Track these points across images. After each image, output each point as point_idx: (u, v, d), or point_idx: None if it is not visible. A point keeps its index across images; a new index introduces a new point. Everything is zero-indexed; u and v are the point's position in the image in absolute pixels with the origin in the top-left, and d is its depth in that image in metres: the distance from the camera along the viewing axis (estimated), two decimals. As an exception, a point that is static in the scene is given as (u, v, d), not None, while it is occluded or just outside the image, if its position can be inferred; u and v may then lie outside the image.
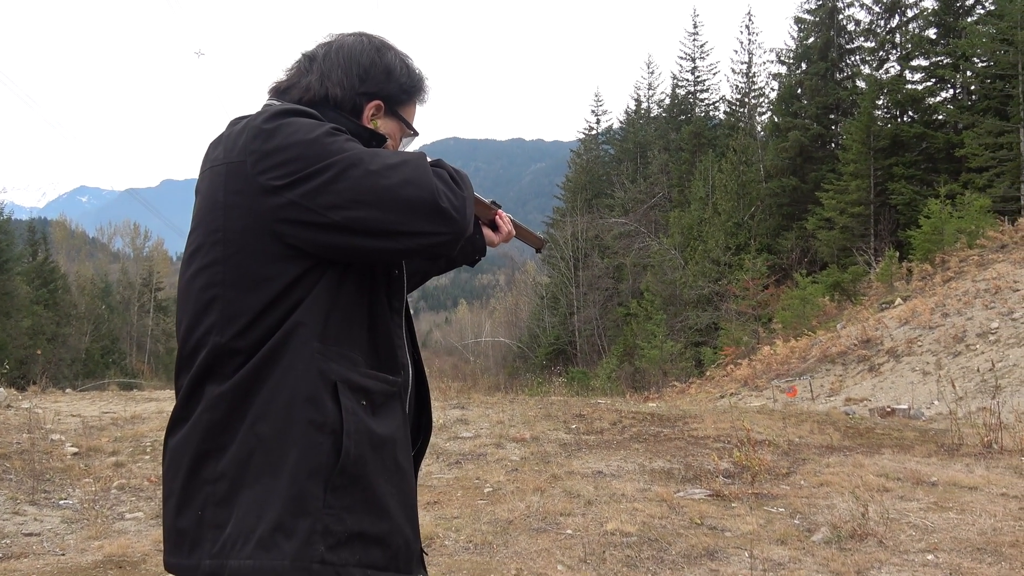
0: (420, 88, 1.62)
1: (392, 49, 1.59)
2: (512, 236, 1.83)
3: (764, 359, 19.72)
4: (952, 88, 30.40)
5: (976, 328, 14.80)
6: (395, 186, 1.32)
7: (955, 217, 21.39)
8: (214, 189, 1.42)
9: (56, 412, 9.19)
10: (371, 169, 1.32)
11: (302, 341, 1.36)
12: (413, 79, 1.60)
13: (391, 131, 1.58)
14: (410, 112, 1.62)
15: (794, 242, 30.99)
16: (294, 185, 1.33)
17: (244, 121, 1.43)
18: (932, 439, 8.19)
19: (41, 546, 4.74)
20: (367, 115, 1.54)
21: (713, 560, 4.53)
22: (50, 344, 38.80)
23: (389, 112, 1.57)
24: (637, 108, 53.76)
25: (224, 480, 1.36)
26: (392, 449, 1.45)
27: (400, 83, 1.57)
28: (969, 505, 5.57)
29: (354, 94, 1.53)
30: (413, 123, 1.64)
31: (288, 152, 1.33)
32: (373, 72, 1.54)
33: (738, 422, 8.58)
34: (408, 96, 1.60)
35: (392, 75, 1.56)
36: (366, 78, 1.53)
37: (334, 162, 1.32)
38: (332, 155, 1.32)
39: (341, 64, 1.53)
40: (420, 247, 1.37)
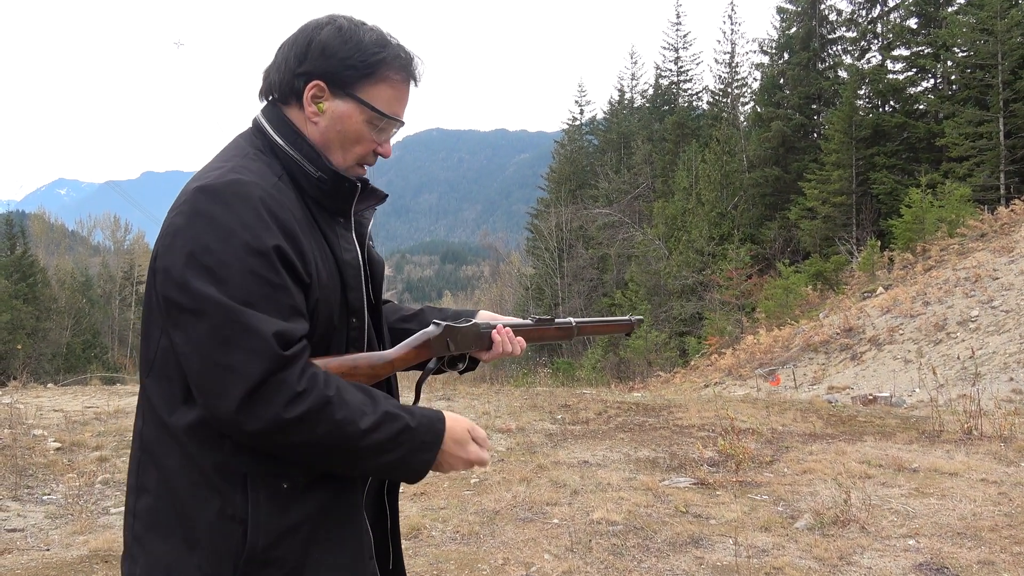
0: (376, 63, 1.40)
1: (337, 23, 1.41)
2: (509, 352, 1.65)
3: (748, 348, 19.85)
4: (933, 78, 30.62)
5: (956, 316, 14.96)
6: (213, 375, 1.22)
7: (936, 206, 21.59)
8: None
9: (38, 407, 9.12)
10: (211, 334, 1.22)
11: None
12: (364, 53, 1.39)
13: (345, 113, 1.40)
14: (378, 92, 1.42)
15: (777, 232, 31.17)
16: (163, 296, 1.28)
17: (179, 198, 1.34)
18: (913, 426, 8.29)
19: (25, 542, 4.71)
20: (307, 97, 1.40)
21: (698, 547, 4.57)
22: (30, 339, 38.45)
23: (338, 93, 1.40)
24: (620, 98, 53.82)
25: (140, 521, 1.35)
26: (326, 520, 1.36)
27: (341, 58, 1.39)
28: (949, 491, 5.65)
29: (291, 76, 1.41)
30: (387, 107, 1.43)
31: (168, 276, 1.27)
32: (310, 50, 1.39)
33: (722, 411, 8.65)
34: (358, 72, 1.39)
35: (328, 50, 1.38)
36: (304, 57, 1.40)
37: (192, 309, 1.24)
38: (195, 302, 1.23)
39: (285, 47, 1.43)
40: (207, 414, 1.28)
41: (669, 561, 4.37)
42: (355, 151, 1.45)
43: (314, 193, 1.41)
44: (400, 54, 1.44)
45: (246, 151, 1.40)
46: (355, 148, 1.45)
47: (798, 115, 33.52)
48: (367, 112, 1.41)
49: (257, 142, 1.43)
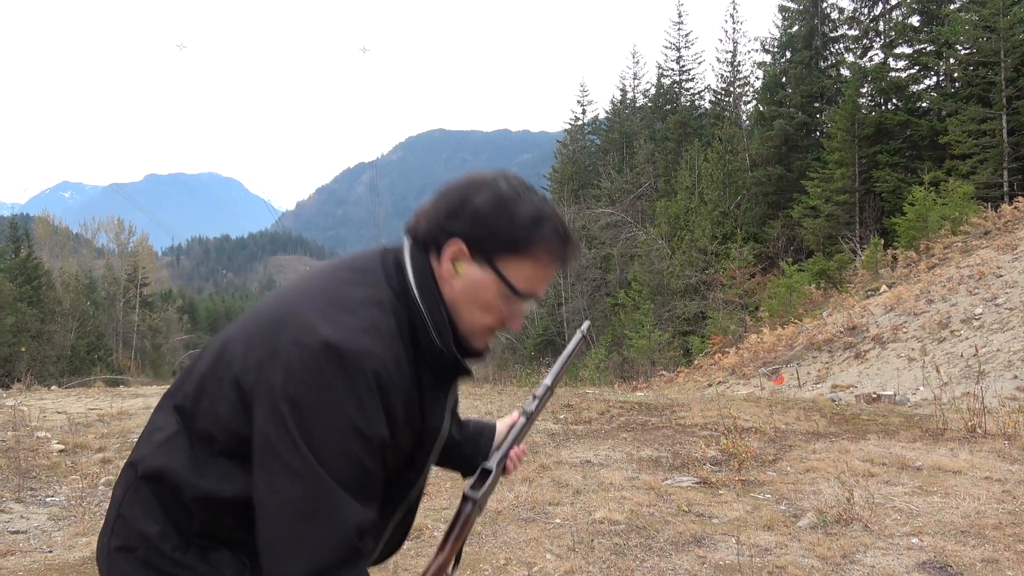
0: (524, 241, 1.34)
1: (496, 189, 1.36)
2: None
3: (751, 347, 19.82)
4: (935, 75, 30.57)
5: (960, 314, 14.92)
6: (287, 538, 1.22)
7: (939, 204, 21.54)
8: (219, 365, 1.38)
9: (41, 409, 9.14)
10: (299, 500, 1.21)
11: None
12: (515, 228, 1.33)
13: (481, 282, 1.35)
14: (520, 269, 1.36)
15: (780, 230, 31.13)
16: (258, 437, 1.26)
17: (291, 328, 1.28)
18: (917, 424, 8.27)
19: (28, 544, 4.71)
20: (447, 254, 1.35)
21: (700, 547, 4.56)
22: (35, 341, 38.54)
23: (478, 259, 1.35)
24: (623, 98, 53.79)
25: (116, 537, 1.40)
26: None
27: (490, 228, 1.33)
28: (953, 489, 5.63)
29: (438, 229, 1.36)
30: (525, 285, 1.37)
31: (275, 415, 1.24)
32: (461, 209, 1.34)
33: (725, 410, 8.63)
34: (504, 246, 1.34)
35: (479, 216, 1.33)
36: (454, 215, 1.35)
37: (287, 464, 1.22)
38: (293, 460, 1.21)
39: (441, 194, 1.39)
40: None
41: (672, 560, 4.36)
42: (483, 320, 1.40)
43: (429, 358, 1.37)
44: (553, 237, 1.37)
45: (381, 299, 1.34)
46: (483, 317, 1.39)
47: (800, 114, 33.47)
48: (503, 286, 1.36)
49: (394, 281, 1.37)
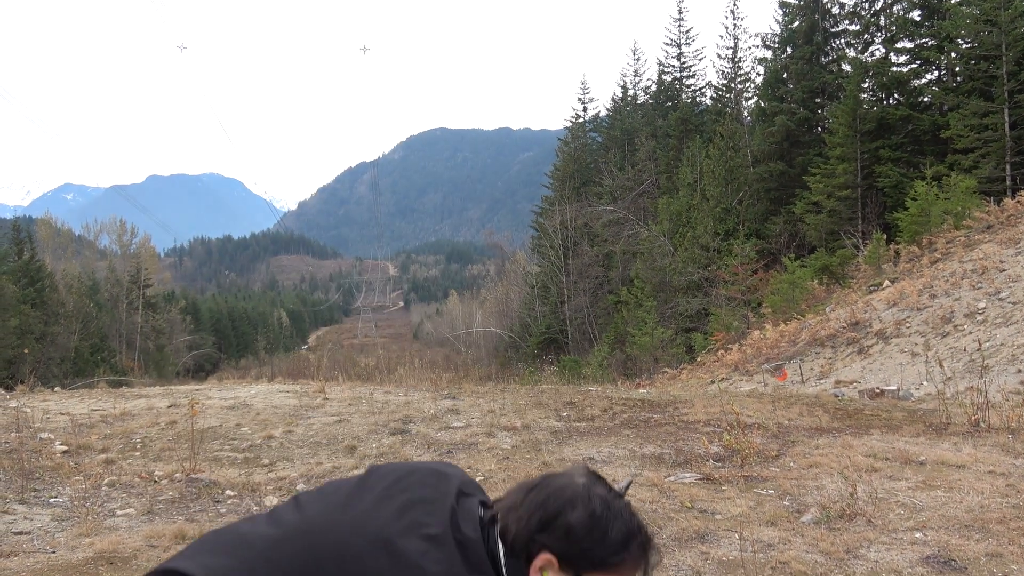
0: (619, 563, 1.41)
1: (591, 509, 1.42)
2: None
3: (754, 344, 19.79)
4: (937, 70, 30.45)
5: (963, 308, 14.89)
6: None
7: (941, 198, 21.48)
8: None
9: (45, 411, 9.15)
10: None
11: None
12: (606, 551, 1.41)
13: None
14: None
15: (782, 226, 31.07)
16: None
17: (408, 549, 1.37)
18: (920, 419, 8.25)
19: (31, 544, 4.72)
20: (536, 565, 1.42)
21: (704, 543, 4.56)
22: (38, 343, 38.60)
23: (567, 571, 1.42)
24: (624, 95, 53.70)
25: None
26: None
27: (582, 548, 1.40)
28: (957, 483, 5.62)
29: (529, 538, 1.42)
30: None
31: None
32: (555, 525, 1.41)
33: (728, 406, 8.62)
34: (592, 564, 1.41)
35: (572, 535, 1.40)
36: (546, 527, 1.41)
37: None
38: None
39: (532, 499, 1.45)
40: None
41: (675, 556, 4.35)
42: None
43: None
44: (639, 554, 1.44)
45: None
46: None
47: (802, 109, 33.38)
48: None
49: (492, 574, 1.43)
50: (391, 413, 9.20)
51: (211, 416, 9.08)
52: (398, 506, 1.45)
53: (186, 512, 5.50)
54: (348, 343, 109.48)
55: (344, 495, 1.52)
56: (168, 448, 7.44)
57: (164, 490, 6.03)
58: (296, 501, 1.55)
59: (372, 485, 1.52)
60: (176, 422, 8.67)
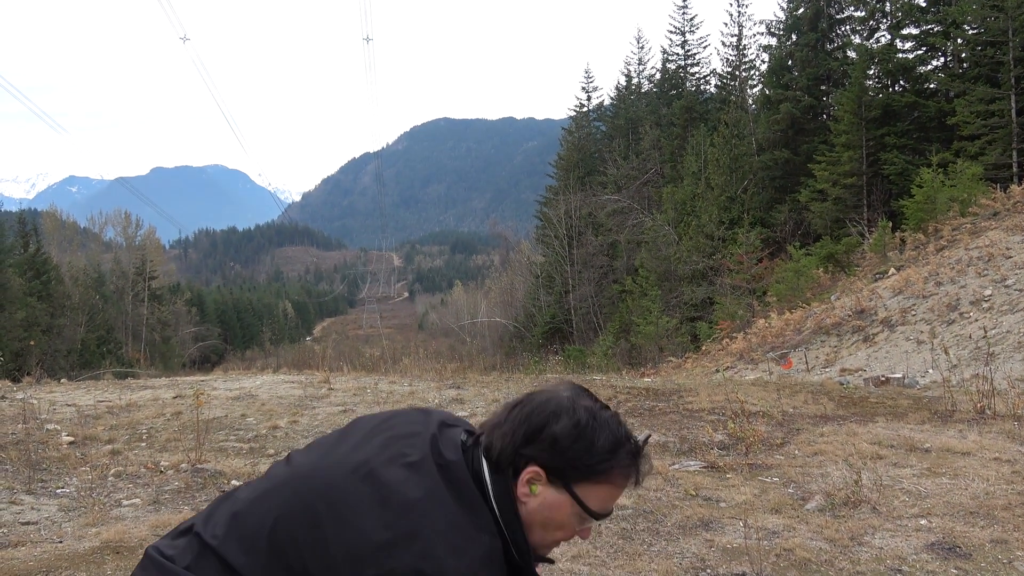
0: (602, 470, 1.41)
1: (576, 419, 1.41)
2: None
3: (759, 332, 19.77)
4: (943, 56, 30.25)
5: (969, 296, 14.84)
6: None
7: (947, 186, 21.38)
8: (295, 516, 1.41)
9: (51, 402, 9.19)
10: None
11: None
12: (593, 457, 1.40)
13: (556, 503, 1.42)
14: (595, 492, 1.43)
15: (787, 215, 30.97)
16: None
17: (411, 554, 1.32)
18: (926, 406, 8.24)
19: (39, 534, 4.74)
20: (523, 478, 1.42)
21: (708, 530, 4.56)
22: (45, 336, 38.75)
23: (555, 483, 1.42)
24: (628, 84, 53.48)
25: None
26: None
27: (568, 456, 1.40)
28: (962, 470, 5.61)
29: (514, 452, 1.42)
30: (599, 505, 1.44)
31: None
32: (540, 437, 1.41)
33: (733, 394, 8.62)
34: (581, 473, 1.41)
35: (558, 445, 1.40)
36: (531, 440, 1.41)
37: None
38: None
39: (515, 416, 1.44)
40: None
41: (679, 544, 4.36)
42: (555, 536, 1.47)
43: (499, 565, 1.41)
44: (628, 460, 1.43)
45: (489, 524, 1.39)
46: (556, 533, 1.47)
47: (807, 97, 33.22)
48: (579, 508, 1.43)
49: (478, 501, 1.41)
50: (395, 403, 9.22)
51: (217, 407, 9.11)
52: (380, 442, 1.47)
53: (192, 502, 5.52)
54: (353, 334, 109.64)
55: (331, 442, 1.54)
56: (174, 439, 7.47)
57: (170, 480, 6.05)
58: (287, 457, 1.58)
59: (356, 431, 1.54)
60: (182, 413, 8.71)
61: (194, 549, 1.44)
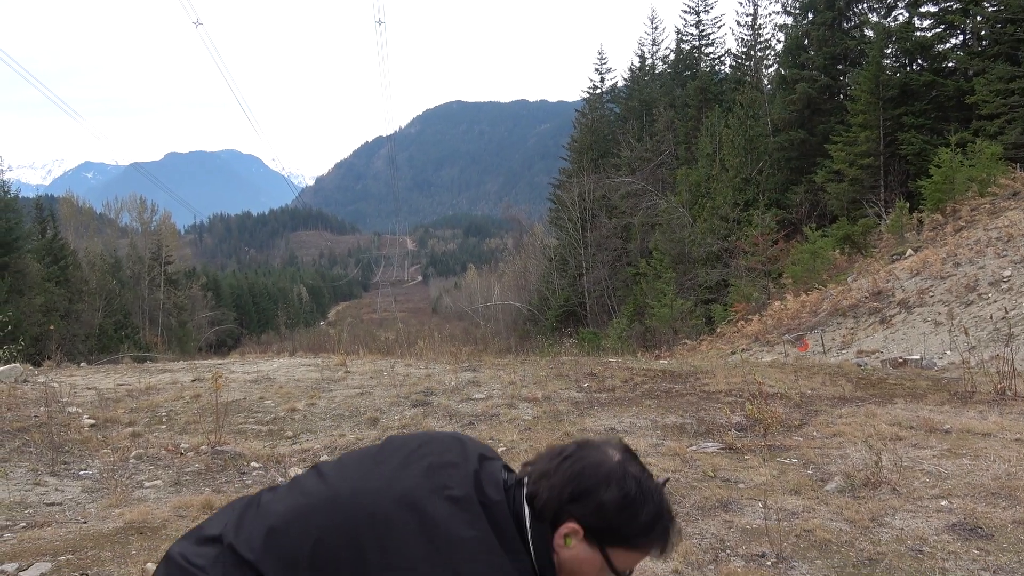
0: (644, 542, 1.46)
1: (625, 490, 1.44)
2: None
3: (775, 314, 19.68)
4: (962, 34, 29.81)
5: (988, 277, 14.69)
6: None
7: (966, 165, 21.13)
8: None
9: (72, 386, 9.28)
10: None
11: None
12: (634, 530, 1.45)
13: (587, 560, 1.47)
14: (626, 557, 1.48)
15: (803, 196, 30.72)
16: None
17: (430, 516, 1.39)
18: (945, 388, 8.18)
19: (64, 515, 4.81)
20: (561, 531, 1.45)
21: (727, 511, 4.56)
22: (63, 320, 39.09)
23: (591, 542, 1.46)
24: (641, 65, 53.09)
25: None
26: None
27: (611, 523, 1.44)
28: (983, 451, 5.57)
29: (559, 507, 1.45)
30: (625, 566, 1.49)
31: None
32: (588, 500, 1.44)
33: (750, 376, 8.59)
34: (618, 541, 1.45)
35: (604, 513, 1.43)
36: (578, 500, 1.44)
37: None
38: None
39: (563, 472, 1.47)
40: None
41: (698, 525, 4.36)
42: None
43: None
44: (663, 536, 1.48)
45: (520, 570, 1.42)
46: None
47: (823, 76, 32.85)
48: (606, 568, 1.48)
49: (523, 550, 1.45)
50: (412, 386, 9.25)
51: (235, 390, 9.17)
52: (422, 469, 1.48)
53: (212, 483, 5.58)
54: (368, 317, 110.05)
55: (368, 463, 1.54)
56: (193, 421, 7.54)
57: (190, 462, 6.11)
58: (317, 471, 1.57)
59: (392, 453, 1.55)
60: (200, 396, 8.77)
61: (227, 561, 1.45)
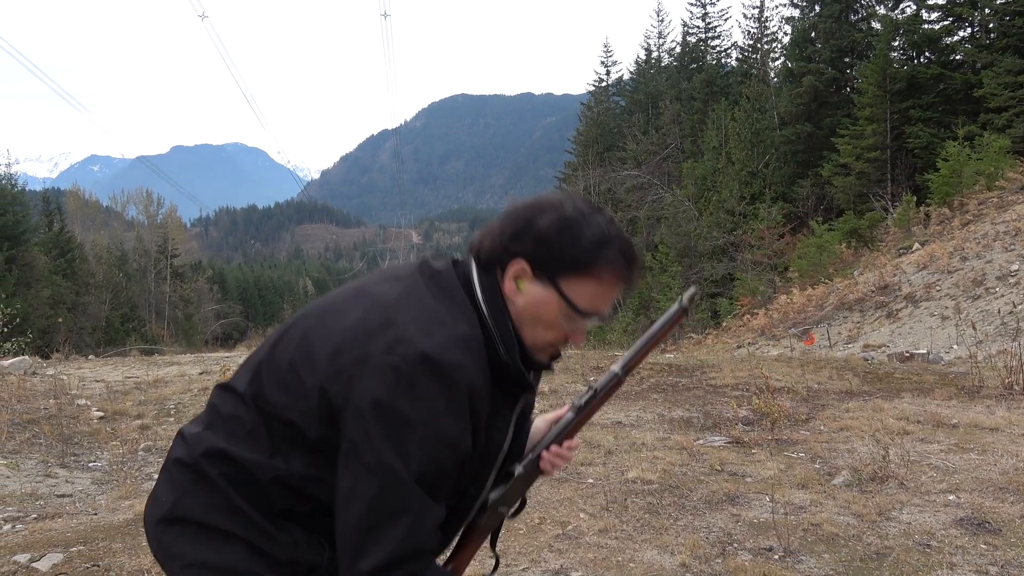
0: (587, 263, 1.35)
1: (562, 213, 1.36)
2: (564, 464, 1.65)
3: (781, 308, 19.67)
4: (970, 27, 29.66)
5: (996, 271, 14.66)
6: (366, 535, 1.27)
7: (974, 159, 21.07)
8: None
9: (80, 378, 9.32)
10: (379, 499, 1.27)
11: None
12: (578, 250, 1.35)
13: (543, 300, 1.37)
14: (583, 288, 1.37)
15: (809, 189, 30.64)
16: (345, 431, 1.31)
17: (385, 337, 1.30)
18: (952, 382, 8.17)
19: (74, 506, 4.84)
20: (510, 273, 1.38)
21: (734, 505, 4.57)
22: (71, 313, 39.22)
23: (541, 278, 1.37)
24: (647, 58, 52.94)
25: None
26: None
27: (553, 249, 1.35)
28: (990, 446, 5.57)
29: (502, 249, 1.39)
30: (587, 304, 1.38)
31: (361, 420, 1.28)
32: (526, 230, 1.36)
33: (756, 370, 8.59)
34: (567, 267, 1.36)
35: (543, 239, 1.35)
36: (518, 236, 1.37)
37: (371, 466, 1.27)
38: (377, 463, 1.26)
39: (506, 215, 1.42)
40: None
41: (706, 519, 4.37)
42: (545, 336, 1.42)
43: (496, 371, 1.39)
44: (617, 258, 1.37)
45: (469, 315, 1.37)
46: (546, 334, 1.41)
47: (830, 69, 32.73)
48: (565, 305, 1.37)
49: (467, 302, 1.39)
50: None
51: (242, 383, 9.18)
52: (376, 275, 1.50)
53: (222, 476, 5.60)
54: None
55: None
56: (201, 414, 7.56)
57: (199, 455, 6.13)
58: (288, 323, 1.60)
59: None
60: (208, 388, 8.80)
61: (214, 397, 1.49)
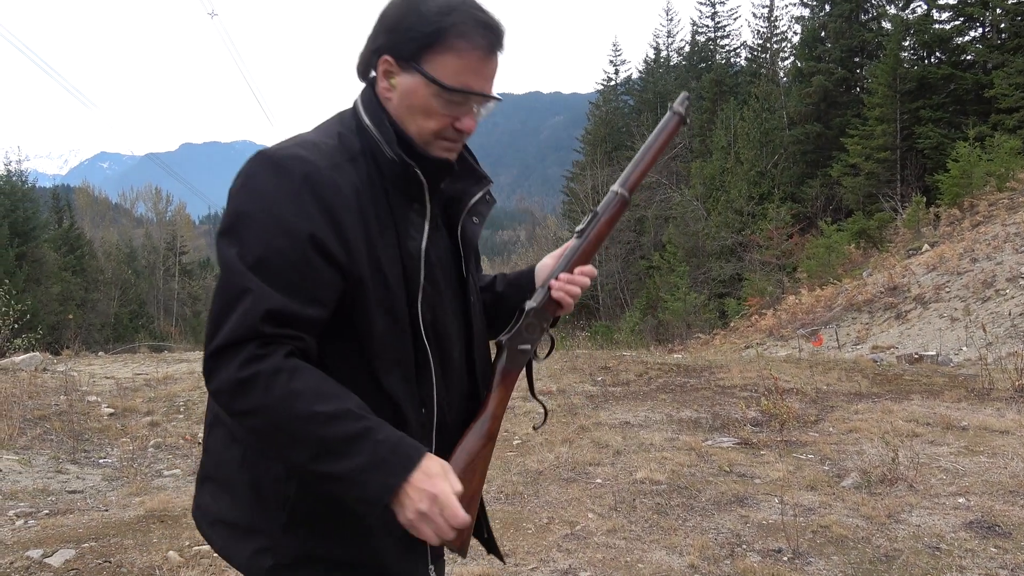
0: (435, 32, 1.30)
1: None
2: (579, 290, 1.66)
3: (789, 309, 19.61)
4: (981, 27, 29.53)
5: (1006, 273, 14.59)
6: (212, 321, 1.28)
7: (984, 160, 20.97)
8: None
9: (90, 375, 9.36)
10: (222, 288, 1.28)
11: None
12: (423, 22, 1.30)
13: (411, 88, 1.33)
14: (443, 63, 1.31)
15: (818, 190, 30.56)
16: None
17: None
18: (962, 384, 8.14)
19: (85, 502, 4.87)
20: (380, 73, 1.36)
21: (743, 506, 4.56)
22: (80, 310, 39.40)
23: (405, 67, 1.33)
24: (656, 57, 52.87)
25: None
26: None
27: (402, 29, 1.32)
28: (1000, 449, 5.55)
29: (368, 53, 1.37)
30: (452, 79, 1.32)
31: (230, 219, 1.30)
32: (378, 25, 1.36)
33: (765, 371, 8.58)
34: (419, 43, 1.31)
35: (389, 22, 1.34)
36: (376, 33, 1.37)
37: (220, 262, 1.30)
38: (221, 258, 1.29)
39: (373, 27, 1.39)
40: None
41: (714, 520, 4.37)
42: (428, 126, 1.37)
43: (390, 176, 1.36)
44: (466, 22, 1.31)
45: (330, 130, 1.39)
46: (428, 122, 1.36)
47: (840, 69, 32.63)
48: (431, 86, 1.32)
49: (350, 122, 1.40)
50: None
51: (251, 380, 9.21)
52: None
53: (231, 473, 5.63)
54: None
55: None
56: (211, 411, 7.59)
57: (209, 452, 6.16)
58: None
59: None
60: (217, 386, 8.82)
61: None
